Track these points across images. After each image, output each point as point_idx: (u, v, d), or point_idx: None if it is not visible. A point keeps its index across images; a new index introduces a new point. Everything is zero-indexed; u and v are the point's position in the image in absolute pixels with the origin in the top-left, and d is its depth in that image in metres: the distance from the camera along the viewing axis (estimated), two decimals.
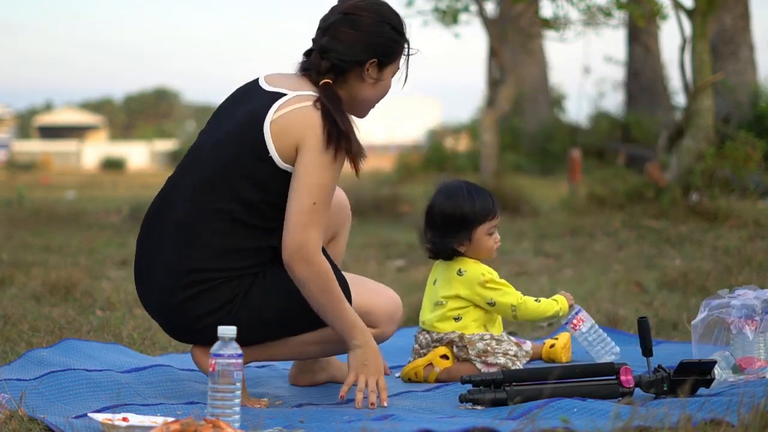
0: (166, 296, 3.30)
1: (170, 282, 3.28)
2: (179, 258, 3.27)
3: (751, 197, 9.67)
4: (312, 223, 3.18)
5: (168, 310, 3.32)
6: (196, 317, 3.28)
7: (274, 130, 3.23)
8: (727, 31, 14.48)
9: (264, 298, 3.30)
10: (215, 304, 3.27)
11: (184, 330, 3.35)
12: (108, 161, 40.36)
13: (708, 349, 3.62)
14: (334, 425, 2.95)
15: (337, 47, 3.27)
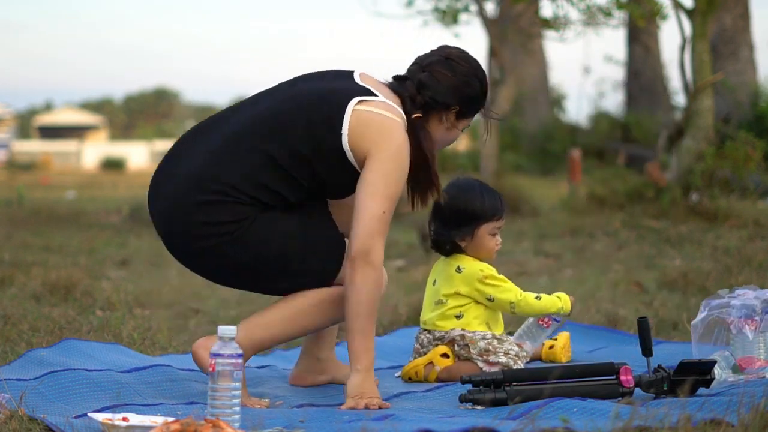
0: (182, 195, 3.36)
1: (192, 183, 3.35)
2: (211, 164, 3.35)
3: (751, 197, 9.67)
4: (380, 231, 3.30)
5: (178, 210, 3.36)
6: (203, 223, 3.32)
7: (356, 118, 3.33)
8: (727, 31, 14.49)
9: (270, 234, 3.35)
10: (223, 218, 3.31)
11: (184, 240, 3.37)
12: (108, 161, 40.35)
13: (708, 349, 3.62)
14: (334, 425, 2.95)
15: (434, 85, 3.43)
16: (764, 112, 14.98)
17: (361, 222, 3.29)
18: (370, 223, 3.28)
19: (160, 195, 3.43)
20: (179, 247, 3.42)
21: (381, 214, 3.30)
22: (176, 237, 3.40)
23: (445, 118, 3.47)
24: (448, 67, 3.46)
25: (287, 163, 3.34)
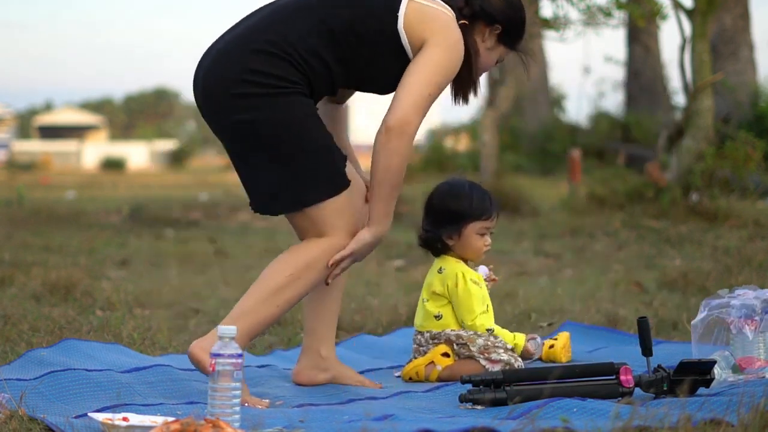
0: (235, 45, 3.40)
1: (248, 33, 3.41)
2: (270, 21, 3.41)
3: (751, 197, 9.67)
4: (422, 109, 3.37)
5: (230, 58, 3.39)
6: (251, 70, 3.34)
7: (411, 8, 3.41)
8: (727, 31, 14.49)
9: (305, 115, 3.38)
10: (271, 69, 3.34)
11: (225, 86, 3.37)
12: (108, 161, 40.38)
13: (708, 349, 3.62)
14: (334, 425, 2.95)
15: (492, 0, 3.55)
16: (764, 112, 14.98)
17: (406, 95, 3.36)
18: (415, 98, 3.36)
19: (209, 55, 3.47)
20: (217, 96, 3.40)
21: (427, 95, 3.37)
22: (218, 85, 3.39)
23: (488, 35, 3.57)
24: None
25: (342, 36, 3.39)
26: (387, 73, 3.46)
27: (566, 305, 5.17)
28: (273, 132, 3.35)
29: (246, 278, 6.61)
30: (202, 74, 3.46)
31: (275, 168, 3.39)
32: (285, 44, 3.36)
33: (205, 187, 21.31)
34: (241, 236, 10.21)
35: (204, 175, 31.92)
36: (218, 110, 3.42)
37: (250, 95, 3.35)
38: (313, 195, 3.40)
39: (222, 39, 3.50)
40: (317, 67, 3.39)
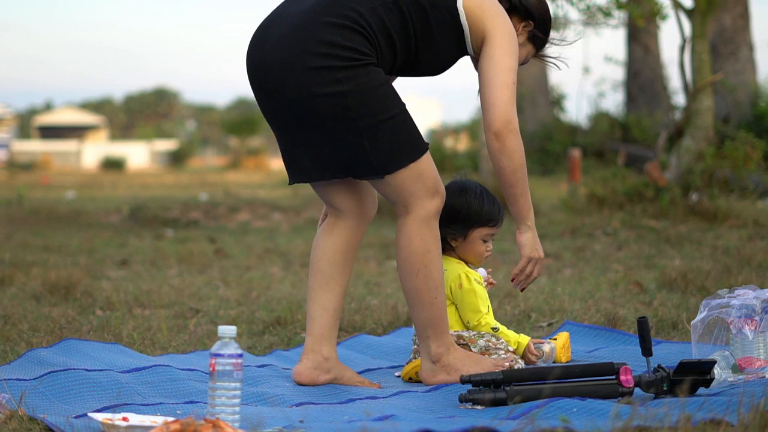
0: (308, 18, 3.43)
1: (321, 6, 3.44)
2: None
3: (750, 197, 9.67)
4: (514, 101, 3.48)
5: (303, 30, 3.42)
6: (328, 43, 3.39)
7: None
8: (726, 30, 14.49)
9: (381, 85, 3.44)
10: (348, 42, 3.39)
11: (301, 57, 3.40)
12: (108, 161, 40.39)
13: (708, 348, 3.62)
14: (334, 425, 2.95)
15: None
16: (764, 112, 14.98)
17: (496, 92, 3.47)
18: (503, 93, 3.47)
19: (274, 32, 3.49)
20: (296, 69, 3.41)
21: (512, 84, 3.48)
22: (297, 59, 3.41)
23: (521, 30, 3.68)
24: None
25: (407, 7, 3.46)
26: (442, 52, 3.57)
27: (566, 305, 5.17)
28: (357, 103, 3.41)
29: (245, 278, 6.61)
30: (273, 48, 3.46)
31: (356, 138, 3.44)
32: (358, 16, 3.42)
33: (205, 187, 21.32)
34: (240, 236, 10.21)
35: (204, 175, 31.92)
36: (296, 83, 3.42)
37: (332, 68, 3.39)
38: (395, 162, 3.46)
39: (286, 13, 3.51)
40: (383, 42, 3.47)
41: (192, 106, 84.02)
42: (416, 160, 3.47)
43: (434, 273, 3.52)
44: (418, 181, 3.48)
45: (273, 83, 3.47)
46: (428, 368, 3.58)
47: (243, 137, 44.01)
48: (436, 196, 3.51)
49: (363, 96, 3.41)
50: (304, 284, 6.33)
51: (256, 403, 3.33)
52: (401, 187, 3.48)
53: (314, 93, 3.40)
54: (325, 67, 3.39)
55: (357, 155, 3.46)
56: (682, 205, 9.40)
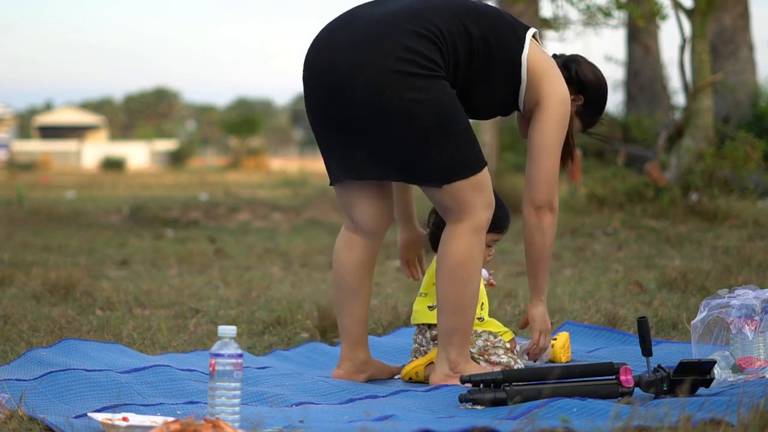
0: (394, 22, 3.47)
1: (407, 13, 3.48)
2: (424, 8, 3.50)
3: (750, 197, 9.67)
4: (557, 179, 3.63)
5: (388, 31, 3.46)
6: (411, 50, 3.43)
7: (532, 46, 3.58)
8: (726, 30, 14.48)
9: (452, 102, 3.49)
10: (428, 53, 3.43)
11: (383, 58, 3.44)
12: (108, 161, 40.39)
13: (708, 348, 3.62)
14: (334, 425, 2.95)
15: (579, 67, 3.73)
16: (764, 112, 14.97)
17: (542, 171, 3.60)
18: (549, 173, 3.60)
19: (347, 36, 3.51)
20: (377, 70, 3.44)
21: (557, 162, 3.61)
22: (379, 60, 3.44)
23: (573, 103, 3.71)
24: (589, 64, 3.77)
25: (476, 41, 3.51)
26: (494, 97, 3.61)
27: (566, 305, 5.17)
28: (431, 112, 3.46)
29: (245, 278, 6.62)
30: (348, 49, 3.48)
31: (423, 144, 3.48)
32: (438, 32, 3.47)
33: (205, 187, 21.32)
34: (240, 236, 10.21)
35: (204, 175, 31.93)
36: (372, 83, 3.45)
37: (413, 74, 3.43)
38: (458, 173, 3.53)
39: (361, 18, 3.54)
40: (452, 63, 3.51)
41: (192, 106, 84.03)
42: (477, 173, 3.55)
43: (474, 283, 3.58)
44: (477, 192, 3.55)
45: (342, 82, 3.49)
46: (443, 372, 3.60)
47: (243, 137, 44.02)
48: (489, 208, 3.59)
49: (437, 107, 3.47)
50: (304, 284, 6.34)
51: (256, 403, 3.33)
52: (459, 196, 3.54)
53: (390, 96, 3.44)
54: (407, 72, 3.43)
55: (420, 161, 3.52)
56: (682, 205, 9.40)
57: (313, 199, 13.70)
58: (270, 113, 78.54)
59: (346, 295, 3.76)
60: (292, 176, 26.25)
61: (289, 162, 45.51)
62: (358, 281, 3.75)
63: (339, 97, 3.50)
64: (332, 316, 4.63)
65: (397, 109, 3.44)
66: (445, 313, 3.58)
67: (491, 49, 3.53)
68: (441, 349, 3.62)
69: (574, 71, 3.70)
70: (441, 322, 3.60)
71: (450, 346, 3.59)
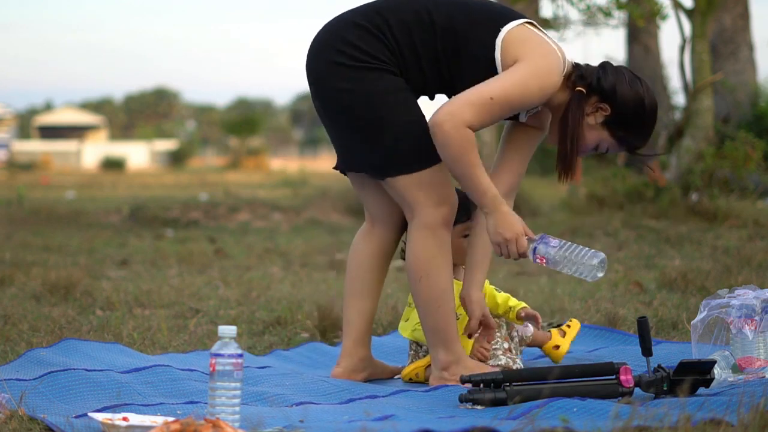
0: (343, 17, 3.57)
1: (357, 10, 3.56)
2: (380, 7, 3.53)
3: (750, 197, 9.67)
4: (479, 109, 3.36)
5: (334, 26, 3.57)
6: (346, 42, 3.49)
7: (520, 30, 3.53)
8: (726, 30, 14.48)
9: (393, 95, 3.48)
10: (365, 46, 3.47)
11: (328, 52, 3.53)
12: (108, 161, 40.37)
13: (708, 348, 3.62)
14: (334, 425, 2.95)
15: (606, 76, 3.49)
16: (764, 112, 14.97)
17: (467, 93, 3.38)
18: (468, 97, 3.37)
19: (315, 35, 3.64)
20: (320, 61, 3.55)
21: (487, 99, 3.37)
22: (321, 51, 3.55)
23: (594, 114, 3.51)
24: (629, 78, 3.50)
25: (442, 31, 3.47)
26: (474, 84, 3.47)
27: (566, 305, 5.17)
28: (360, 103, 3.48)
29: (245, 278, 6.62)
30: (311, 45, 3.62)
31: (356, 135, 3.53)
32: (383, 24, 3.49)
33: (205, 187, 21.31)
34: (240, 236, 10.21)
35: (204, 175, 31.93)
36: (319, 76, 3.57)
37: (342, 65, 3.49)
38: (396, 168, 3.51)
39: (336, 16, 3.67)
40: (409, 57, 3.49)
41: (192, 106, 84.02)
42: (419, 170, 3.50)
43: (437, 280, 3.54)
44: (422, 190, 3.51)
45: (310, 74, 3.61)
46: (437, 375, 3.60)
47: (243, 137, 44.01)
48: (442, 205, 3.54)
49: (367, 98, 3.47)
50: (304, 284, 6.34)
51: (256, 403, 3.33)
52: (403, 192, 3.53)
53: (327, 85, 3.54)
54: (338, 63, 3.50)
55: (359, 151, 3.55)
56: (682, 205, 9.40)
57: (313, 199, 13.70)
58: (270, 113, 78.54)
59: (357, 288, 3.76)
60: (292, 176, 26.25)
61: (289, 162, 45.49)
62: (369, 273, 3.75)
63: (310, 88, 3.64)
64: (332, 316, 4.63)
65: (331, 99, 3.54)
66: (421, 313, 3.60)
67: (457, 32, 3.48)
68: (430, 350, 3.62)
69: (595, 78, 3.49)
70: (422, 323, 3.62)
71: (436, 347, 3.58)
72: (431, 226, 3.52)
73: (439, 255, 3.53)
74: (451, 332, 3.57)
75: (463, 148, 3.38)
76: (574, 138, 3.51)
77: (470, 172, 3.42)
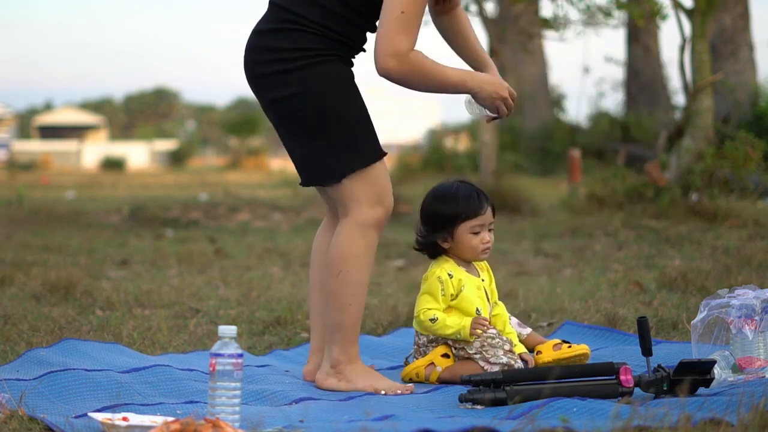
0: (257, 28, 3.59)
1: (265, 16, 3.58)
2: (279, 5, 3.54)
3: (750, 197, 9.66)
4: (401, 30, 3.38)
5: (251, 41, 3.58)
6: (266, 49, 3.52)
7: None
8: (726, 30, 14.48)
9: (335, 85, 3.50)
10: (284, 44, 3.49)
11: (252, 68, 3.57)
12: (108, 161, 40.36)
13: (708, 348, 3.62)
14: (334, 425, 2.95)
15: None
16: (764, 112, 14.97)
17: (380, 28, 3.41)
18: (387, 26, 3.39)
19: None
20: (252, 80, 3.59)
21: (399, 14, 3.38)
22: (249, 70, 3.58)
23: None
24: None
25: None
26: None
27: (566, 305, 5.17)
28: (308, 103, 3.49)
29: (245, 278, 6.61)
30: (244, 68, 3.63)
31: (310, 142, 3.54)
32: (296, 17, 3.48)
33: (205, 187, 21.31)
34: (240, 236, 10.21)
35: (204, 175, 31.92)
36: (256, 91, 3.61)
37: (276, 73, 3.50)
38: (350, 166, 3.51)
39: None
40: (334, 26, 3.49)
41: (192, 106, 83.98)
42: (368, 165, 3.52)
43: (354, 279, 3.54)
44: (362, 188, 3.52)
45: (259, 101, 3.63)
46: (324, 370, 3.60)
47: (243, 137, 44.00)
48: (378, 206, 3.55)
49: (314, 95, 3.49)
50: (304, 284, 6.33)
51: (255, 401, 3.33)
52: (344, 190, 3.54)
53: (270, 99, 3.55)
54: (274, 72, 3.51)
55: (315, 158, 3.56)
56: (682, 205, 9.39)
57: (313, 199, 13.70)
58: None
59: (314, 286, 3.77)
60: (292, 176, 26.18)
61: (289, 162, 45.36)
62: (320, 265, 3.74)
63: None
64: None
65: (283, 112, 3.55)
66: (328, 308, 3.59)
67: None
68: (326, 345, 3.61)
69: None
70: (325, 317, 3.61)
71: (332, 344, 3.57)
72: (364, 224, 3.54)
73: (363, 255, 3.54)
74: (353, 334, 3.57)
75: (420, 74, 3.43)
76: None
77: (439, 79, 3.46)
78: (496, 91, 3.54)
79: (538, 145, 21.42)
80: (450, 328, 3.71)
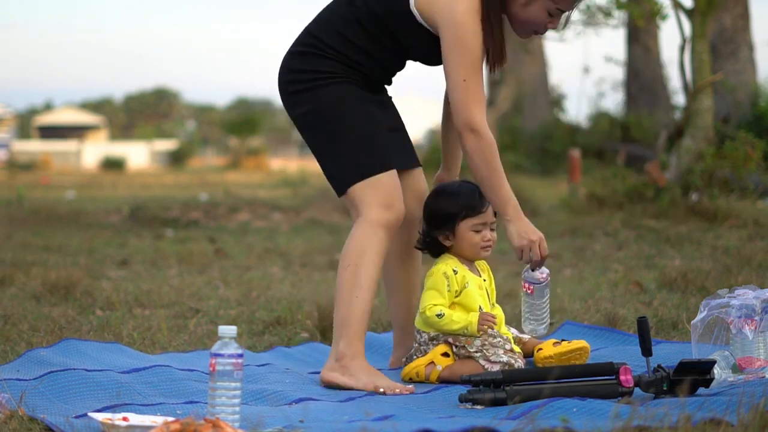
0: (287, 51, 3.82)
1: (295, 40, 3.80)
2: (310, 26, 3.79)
3: (750, 197, 9.67)
4: (470, 100, 3.55)
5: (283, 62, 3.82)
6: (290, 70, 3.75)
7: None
8: (726, 30, 14.48)
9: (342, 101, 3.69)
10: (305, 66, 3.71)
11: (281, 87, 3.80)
12: (108, 161, 40.35)
13: (708, 348, 3.62)
14: (334, 425, 2.95)
15: None
16: (764, 112, 14.98)
17: (452, 96, 3.58)
18: (455, 95, 3.56)
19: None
20: (280, 96, 3.83)
21: (462, 82, 3.53)
22: (279, 89, 3.81)
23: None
24: None
25: (369, 23, 3.65)
26: (423, 48, 3.69)
27: (566, 305, 5.17)
28: (320, 119, 3.70)
29: (245, 278, 6.62)
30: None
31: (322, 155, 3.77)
32: (317, 42, 3.70)
33: (205, 187, 21.31)
34: (240, 236, 10.21)
35: (204, 175, 31.92)
36: (290, 113, 3.82)
37: (295, 92, 3.74)
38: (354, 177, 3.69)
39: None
40: (355, 56, 3.67)
41: (192, 106, 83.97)
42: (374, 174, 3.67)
43: (363, 274, 3.64)
44: (372, 192, 3.67)
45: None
46: (328, 364, 3.66)
47: (243, 137, 44.00)
48: (389, 209, 3.68)
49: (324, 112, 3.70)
50: (304, 284, 6.34)
51: (255, 401, 3.33)
52: (353, 196, 3.70)
53: (292, 115, 3.80)
54: (292, 92, 3.76)
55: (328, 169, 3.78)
56: (682, 205, 9.39)
57: (313, 199, 13.70)
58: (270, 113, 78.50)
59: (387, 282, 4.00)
60: (292, 176, 26.24)
61: (289, 162, 45.48)
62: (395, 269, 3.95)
63: None
64: (332, 316, 4.62)
65: (304, 129, 3.77)
66: (336, 303, 3.69)
67: (381, 20, 3.65)
68: (333, 341, 3.70)
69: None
70: (335, 310, 3.71)
71: (339, 338, 3.66)
72: (372, 224, 3.66)
73: (373, 253, 3.66)
74: (359, 329, 3.64)
75: (487, 154, 3.58)
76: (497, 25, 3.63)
77: (495, 180, 3.62)
78: (527, 231, 3.65)
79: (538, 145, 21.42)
80: (457, 324, 3.71)
